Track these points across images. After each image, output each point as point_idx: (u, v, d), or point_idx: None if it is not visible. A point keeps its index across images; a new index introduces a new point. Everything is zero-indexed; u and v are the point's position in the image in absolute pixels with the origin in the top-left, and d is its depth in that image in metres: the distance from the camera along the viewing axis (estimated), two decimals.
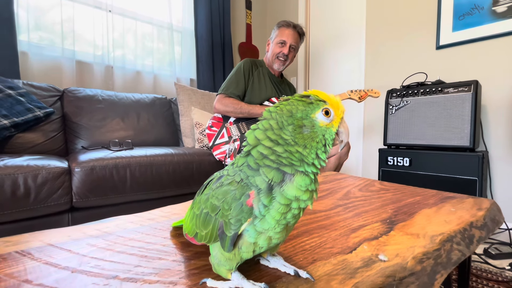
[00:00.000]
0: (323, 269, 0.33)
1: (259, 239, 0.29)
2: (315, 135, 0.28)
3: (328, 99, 0.29)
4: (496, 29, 1.53)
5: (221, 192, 0.30)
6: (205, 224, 0.31)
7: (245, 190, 0.28)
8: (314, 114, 0.28)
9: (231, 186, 0.29)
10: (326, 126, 0.28)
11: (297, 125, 0.28)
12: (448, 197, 0.70)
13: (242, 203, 0.28)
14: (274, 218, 0.27)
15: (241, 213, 0.28)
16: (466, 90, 1.43)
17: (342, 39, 2.39)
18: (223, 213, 0.29)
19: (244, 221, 0.28)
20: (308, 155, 0.28)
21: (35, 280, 0.31)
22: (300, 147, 0.28)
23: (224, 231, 0.29)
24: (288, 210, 0.28)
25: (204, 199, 0.32)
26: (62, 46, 1.81)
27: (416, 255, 0.38)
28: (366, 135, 2.23)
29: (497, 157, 1.58)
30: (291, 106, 0.29)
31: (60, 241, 0.41)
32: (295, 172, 0.28)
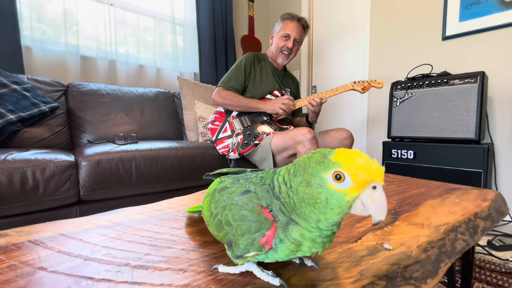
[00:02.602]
0: (329, 257, 0.34)
1: (266, 260, 0.29)
2: (317, 195, 0.25)
3: (348, 162, 0.24)
4: (505, 19, 1.50)
5: (239, 213, 0.29)
6: (218, 229, 0.31)
7: (262, 227, 0.27)
8: (326, 174, 0.25)
9: (250, 214, 0.28)
10: (337, 190, 0.24)
11: (305, 178, 0.26)
12: (453, 189, 0.70)
13: (255, 238, 0.27)
14: (284, 253, 0.27)
15: (251, 246, 0.28)
16: (472, 82, 1.41)
17: (346, 31, 2.36)
18: (235, 234, 0.29)
19: (252, 252, 0.28)
20: (308, 213, 0.26)
21: (50, 267, 0.32)
22: (298, 199, 0.26)
23: (232, 246, 0.29)
24: (298, 250, 0.27)
25: (222, 204, 0.31)
26: (65, 41, 1.82)
27: (420, 244, 0.38)
28: (370, 127, 2.22)
29: (503, 149, 1.57)
30: (309, 160, 0.27)
31: (71, 231, 0.43)
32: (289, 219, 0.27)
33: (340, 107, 2.44)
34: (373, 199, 0.24)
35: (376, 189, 0.24)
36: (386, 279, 0.30)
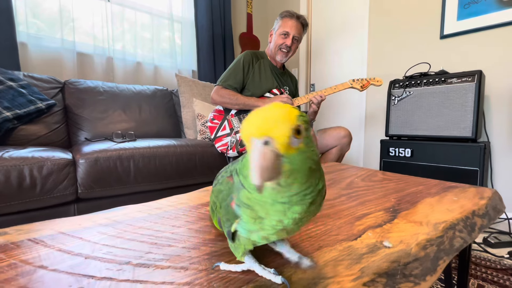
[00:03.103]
0: (329, 255, 0.34)
1: (252, 236, 0.28)
2: None
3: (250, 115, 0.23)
4: (502, 18, 1.51)
5: (216, 189, 0.31)
6: (213, 215, 0.33)
7: (230, 192, 0.28)
8: None
9: (223, 186, 0.30)
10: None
11: None
12: (450, 187, 0.71)
13: (228, 204, 0.28)
14: (248, 223, 0.27)
15: (228, 214, 0.28)
16: (469, 81, 1.42)
17: (345, 29, 2.36)
18: (218, 211, 0.30)
19: (233, 221, 0.28)
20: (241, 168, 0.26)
21: (50, 266, 0.32)
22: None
23: (221, 226, 0.30)
24: (260, 222, 0.26)
25: (213, 192, 0.33)
26: (61, 37, 1.79)
27: (419, 241, 0.38)
28: (368, 125, 2.22)
29: (499, 147, 1.58)
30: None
31: (71, 229, 0.42)
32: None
33: (338, 105, 2.45)
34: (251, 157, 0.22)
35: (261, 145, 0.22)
36: (386, 276, 0.30)
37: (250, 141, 0.22)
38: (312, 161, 0.24)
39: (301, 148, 0.23)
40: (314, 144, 0.25)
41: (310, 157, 0.24)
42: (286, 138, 0.21)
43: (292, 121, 0.22)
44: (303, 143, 0.23)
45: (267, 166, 0.21)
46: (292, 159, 0.22)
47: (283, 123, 0.21)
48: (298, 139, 0.22)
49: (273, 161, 0.21)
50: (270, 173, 0.21)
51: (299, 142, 0.22)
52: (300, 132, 0.22)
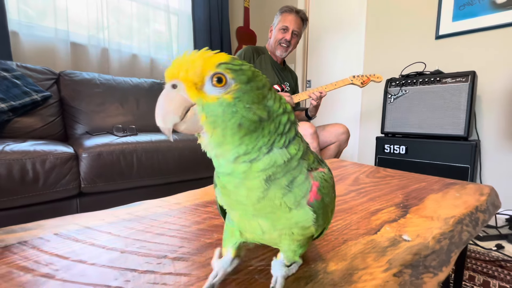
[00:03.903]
0: (355, 248, 0.36)
1: (235, 220, 0.28)
2: None
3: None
4: (495, 20, 1.56)
5: None
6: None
7: None
8: None
9: None
10: None
11: None
12: (450, 183, 0.74)
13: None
14: (221, 197, 0.27)
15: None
16: (463, 81, 1.47)
17: (342, 26, 2.38)
18: None
19: (215, 187, 0.28)
20: None
21: (89, 260, 0.32)
22: None
23: None
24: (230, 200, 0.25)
25: None
26: (55, 26, 1.74)
27: (434, 235, 0.41)
28: (363, 122, 2.27)
29: (488, 145, 1.65)
30: None
31: (96, 224, 0.43)
32: None
33: (333, 102, 2.48)
34: None
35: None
36: (411, 267, 0.33)
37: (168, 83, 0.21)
38: (244, 118, 0.21)
39: (225, 99, 0.21)
40: (261, 104, 0.22)
41: (241, 113, 0.21)
42: (194, 82, 0.20)
43: (208, 66, 0.20)
44: (230, 94, 0.21)
45: (168, 109, 0.20)
46: (210, 110, 0.21)
47: (194, 67, 0.20)
48: (218, 87, 0.21)
49: (178, 104, 0.20)
50: (172, 116, 0.20)
51: (221, 92, 0.21)
52: (222, 81, 0.21)
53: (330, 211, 0.28)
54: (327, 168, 0.29)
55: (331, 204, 0.28)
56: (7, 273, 0.29)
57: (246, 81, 0.21)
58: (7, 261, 0.32)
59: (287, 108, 0.25)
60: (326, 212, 0.27)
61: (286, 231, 0.25)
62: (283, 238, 0.26)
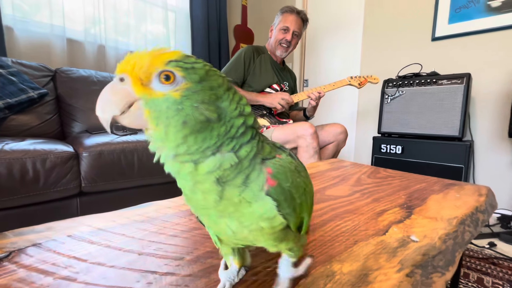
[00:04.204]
0: (367, 248, 0.37)
1: (206, 225, 0.28)
2: None
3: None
4: (490, 23, 1.59)
5: None
6: None
7: None
8: None
9: None
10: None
11: None
12: (449, 184, 0.76)
13: None
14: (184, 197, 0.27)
15: None
16: (459, 83, 1.50)
17: (340, 26, 2.40)
18: None
19: None
20: None
21: (107, 262, 0.33)
22: None
23: None
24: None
25: None
26: (50, 22, 1.70)
27: (440, 236, 0.43)
28: (359, 122, 2.30)
29: (481, 146, 1.70)
30: None
31: (108, 225, 0.43)
32: None
33: (330, 102, 2.50)
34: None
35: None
36: (421, 267, 0.34)
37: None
38: (189, 117, 0.21)
39: (171, 95, 0.21)
40: (211, 105, 0.22)
41: (187, 111, 0.21)
42: (140, 77, 0.21)
43: (155, 63, 0.21)
44: (178, 92, 0.21)
45: (110, 99, 0.21)
46: (153, 105, 0.21)
47: (141, 62, 0.21)
48: (166, 85, 0.21)
49: (120, 97, 0.21)
50: (112, 108, 0.20)
51: (169, 89, 0.21)
52: (170, 79, 0.21)
53: (299, 196, 0.26)
54: (287, 153, 0.28)
55: (296, 189, 0.26)
56: (28, 277, 0.29)
57: (198, 80, 0.21)
58: (24, 264, 0.32)
59: (245, 110, 0.24)
60: (291, 198, 0.25)
61: (254, 226, 0.25)
62: (256, 235, 0.25)
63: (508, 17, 1.54)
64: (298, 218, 0.27)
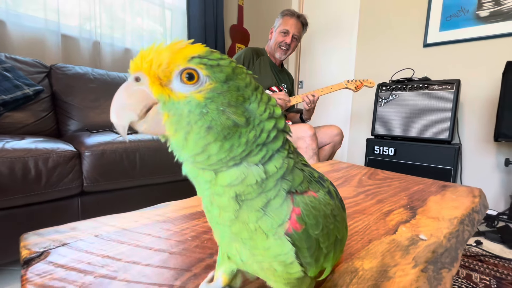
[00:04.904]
0: (382, 247, 0.40)
1: (217, 240, 0.25)
2: None
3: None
4: (479, 32, 1.67)
5: None
6: None
7: None
8: None
9: None
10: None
11: None
12: (444, 186, 0.81)
13: None
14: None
15: None
16: (449, 88, 1.57)
17: (335, 30, 2.44)
18: None
19: None
20: None
21: (142, 261, 0.34)
22: None
23: None
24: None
25: None
26: (44, 17, 1.66)
27: (445, 234, 0.46)
28: (353, 124, 2.36)
29: (468, 149, 1.78)
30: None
31: (132, 226, 0.44)
32: None
33: (326, 104, 2.55)
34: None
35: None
36: (432, 264, 0.37)
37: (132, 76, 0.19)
38: (214, 122, 0.18)
39: (194, 98, 0.18)
40: (239, 108, 0.19)
41: (212, 115, 0.18)
42: (158, 77, 0.18)
43: (177, 59, 0.18)
44: (202, 94, 0.18)
45: (125, 103, 0.18)
46: (173, 108, 0.18)
47: (159, 59, 0.18)
48: (188, 85, 0.18)
49: (137, 100, 0.18)
50: (129, 113, 0.18)
51: (191, 90, 0.18)
52: (193, 78, 0.18)
53: (327, 246, 0.22)
54: (326, 188, 0.23)
55: (326, 238, 0.22)
56: (68, 276, 0.30)
57: (224, 79, 0.19)
58: (60, 264, 0.33)
59: (275, 112, 0.21)
60: (316, 247, 0.21)
61: (266, 265, 0.21)
62: (266, 273, 0.22)
63: (495, 27, 1.63)
64: (320, 268, 0.23)
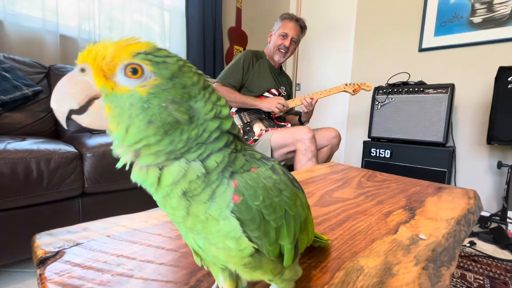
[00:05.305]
0: (384, 246, 0.42)
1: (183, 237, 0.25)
2: None
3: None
4: (472, 38, 1.72)
5: None
6: None
7: None
8: None
9: None
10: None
11: None
12: (440, 187, 0.84)
13: None
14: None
15: None
16: (443, 92, 1.61)
17: (332, 34, 2.48)
18: None
19: None
20: None
21: (157, 260, 0.35)
22: None
23: None
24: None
25: None
26: (43, 17, 1.66)
27: (443, 234, 0.48)
28: (350, 127, 2.39)
29: (462, 152, 1.82)
30: None
31: (142, 226, 0.45)
32: None
33: (323, 107, 2.58)
34: None
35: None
36: (433, 262, 0.39)
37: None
38: (155, 117, 0.19)
39: (137, 92, 0.19)
40: (182, 105, 0.20)
41: (153, 110, 0.19)
42: (102, 69, 0.19)
43: (121, 54, 0.19)
44: (145, 88, 0.19)
45: (67, 91, 0.19)
46: (115, 100, 0.19)
47: (105, 53, 0.19)
48: (132, 79, 0.19)
49: (79, 89, 0.19)
50: (69, 100, 0.18)
51: (135, 84, 0.19)
52: (137, 72, 0.19)
53: (276, 219, 0.22)
54: (269, 165, 0.24)
55: (270, 209, 0.22)
56: (86, 274, 0.31)
57: (169, 76, 0.19)
58: (76, 263, 0.34)
59: (222, 113, 0.22)
60: (261, 220, 0.21)
61: (221, 245, 0.22)
62: (225, 255, 0.23)
63: (488, 33, 1.67)
64: (276, 245, 0.23)
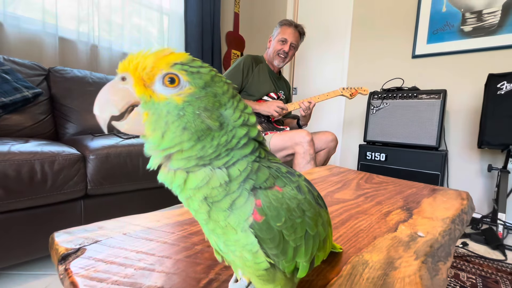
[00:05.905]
0: (385, 242, 0.45)
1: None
2: None
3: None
4: (463, 46, 1.79)
5: None
6: None
7: None
8: None
9: None
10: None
11: None
12: (435, 189, 0.87)
13: None
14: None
15: None
16: (436, 98, 1.67)
17: (328, 40, 2.54)
18: None
19: None
20: None
21: (174, 256, 0.37)
22: None
23: None
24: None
25: None
26: (42, 19, 1.66)
27: (440, 232, 0.51)
28: (345, 130, 2.44)
29: (454, 155, 1.88)
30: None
31: (155, 225, 0.47)
32: None
33: (320, 111, 2.63)
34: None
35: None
36: (431, 256, 0.42)
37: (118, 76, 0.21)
38: (189, 124, 0.20)
39: (173, 100, 0.20)
40: (214, 113, 0.21)
41: (188, 117, 0.20)
42: (142, 78, 0.20)
43: (160, 64, 0.20)
44: (181, 97, 0.20)
45: (109, 98, 0.20)
46: (153, 107, 0.20)
47: (145, 62, 0.20)
48: (170, 88, 0.20)
49: (120, 96, 0.20)
50: (111, 107, 0.20)
51: (172, 92, 0.20)
52: (174, 82, 0.20)
53: (296, 239, 0.23)
54: (295, 183, 0.24)
55: (291, 230, 0.22)
56: (110, 268, 0.33)
57: (203, 85, 0.21)
58: (99, 258, 0.35)
59: (249, 120, 0.23)
60: (281, 239, 0.22)
61: (238, 254, 0.23)
62: (240, 262, 0.23)
63: (478, 41, 1.74)
64: (292, 261, 0.23)
